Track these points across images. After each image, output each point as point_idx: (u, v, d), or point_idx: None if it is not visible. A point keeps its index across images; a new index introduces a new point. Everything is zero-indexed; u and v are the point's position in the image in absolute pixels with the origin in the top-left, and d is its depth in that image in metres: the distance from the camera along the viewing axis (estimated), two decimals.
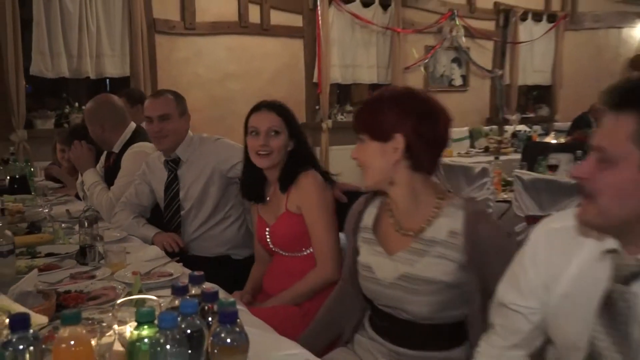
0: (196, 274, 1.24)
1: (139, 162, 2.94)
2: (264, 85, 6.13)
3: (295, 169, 2.19)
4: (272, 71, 6.26)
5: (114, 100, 3.25)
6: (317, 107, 6.48)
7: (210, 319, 1.12)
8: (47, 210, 2.87)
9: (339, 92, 7.06)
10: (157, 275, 1.98)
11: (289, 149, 2.20)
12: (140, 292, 1.67)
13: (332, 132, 6.46)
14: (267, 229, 2.24)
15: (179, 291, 1.14)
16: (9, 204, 2.83)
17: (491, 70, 8.01)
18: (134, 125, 3.28)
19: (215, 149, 2.76)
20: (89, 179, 3.11)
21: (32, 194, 3.39)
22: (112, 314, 1.19)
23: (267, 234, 2.24)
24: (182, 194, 2.76)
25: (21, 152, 4.81)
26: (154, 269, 2.04)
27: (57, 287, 1.82)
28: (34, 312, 1.42)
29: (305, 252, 2.19)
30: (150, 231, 2.69)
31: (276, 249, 2.24)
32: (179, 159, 2.76)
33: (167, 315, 0.96)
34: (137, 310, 1.00)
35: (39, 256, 2.23)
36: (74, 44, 5.12)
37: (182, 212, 2.76)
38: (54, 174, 4.12)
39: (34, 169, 3.94)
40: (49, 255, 2.24)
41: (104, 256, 2.13)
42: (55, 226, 2.55)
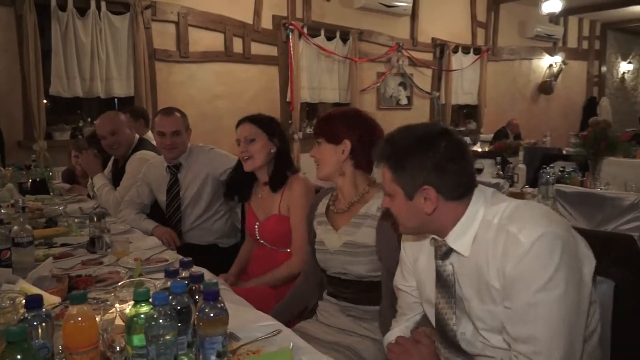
0: (185, 260, 1.22)
1: (141, 167, 2.90)
2: (246, 104, 6.08)
3: (284, 170, 2.14)
4: (253, 92, 6.20)
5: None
6: (290, 122, 6.45)
7: (197, 297, 1.10)
8: (63, 207, 2.80)
9: (308, 109, 7.04)
10: (155, 261, 1.94)
11: (273, 150, 2.14)
12: (140, 276, 1.64)
13: (303, 142, 6.44)
14: (257, 224, 2.17)
15: (170, 274, 1.12)
16: (30, 203, 2.74)
17: (430, 92, 8.09)
18: (137, 136, 3.24)
19: (209, 157, 2.74)
20: (98, 181, 3.05)
21: (50, 194, 3.30)
22: (114, 294, 1.16)
23: (257, 228, 2.18)
24: (181, 194, 2.72)
25: (41, 159, 4.68)
26: (153, 255, 2.00)
27: (69, 272, 1.78)
28: (48, 293, 1.38)
29: (288, 250, 2.12)
30: (150, 225, 2.65)
31: (263, 242, 2.18)
32: (180, 165, 2.73)
33: (160, 294, 0.94)
34: (134, 290, 0.98)
35: (55, 246, 2.17)
36: (86, 69, 5.00)
37: (182, 208, 2.73)
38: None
39: (52, 173, 3.83)
40: (64, 245, 2.19)
41: (110, 245, 2.09)
42: (69, 221, 2.49)
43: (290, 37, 6.33)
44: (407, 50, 7.57)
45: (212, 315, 0.97)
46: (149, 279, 1.38)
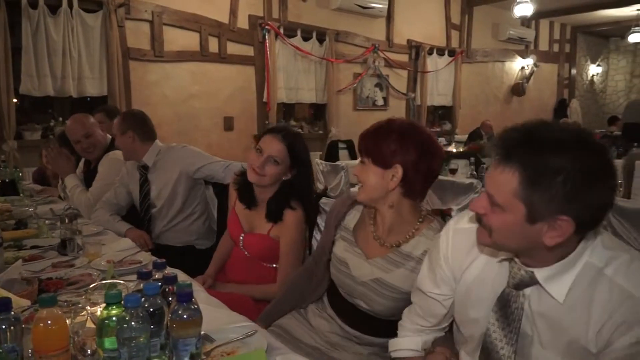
0: (159, 261, 1.20)
1: (114, 168, 2.86)
2: (222, 104, 6.05)
3: (284, 201, 1.95)
4: (229, 92, 6.16)
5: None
6: (266, 122, 6.43)
7: (170, 298, 1.09)
8: (33, 209, 2.74)
9: (284, 109, 7.03)
10: (129, 263, 1.91)
11: (285, 178, 1.95)
12: (113, 278, 1.61)
13: None
14: (242, 235, 2.06)
15: (143, 276, 1.10)
16: None
17: (406, 93, 8.16)
18: (109, 136, 3.19)
19: (182, 154, 2.71)
20: (70, 182, 2.99)
21: (20, 195, 3.22)
22: (84, 297, 1.14)
23: (241, 239, 2.06)
24: (153, 194, 2.70)
25: (11, 160, 4.59)
26: (126, 257, 1.97)
27: (40, 275, 1.74)
28: (18, 297, 1.35)
29: (268, 265, 2.02)
30: (123, 227, 2.62)
31: (246, 252, 2.07)
32: (146, 166, 2.70)
33: (132, 296, 0.93)
34: (106, 292, 0.96)
35: (24, 248, 2.11)
36: (58, 68, 4.89)
37: (154, 209, 2.71)
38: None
39: (22, 174, 3.75)
40: (34, 247, 2.13)
41: (82, 247, 2.04)
42: (39, 222, 2.43)
43: (266, 37, 6.31)
44: (383, 51, 7.62)
45: (185, 316, 0.96)
46: (121, 282, 1.35)
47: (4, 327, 0.95)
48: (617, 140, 6.98)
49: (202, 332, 1.19)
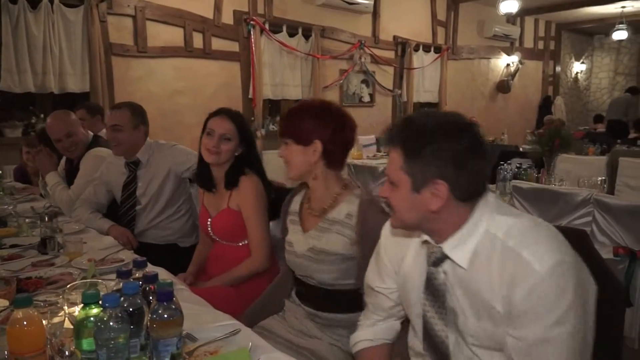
0: (139, 259, 1.18)
1: (96, 165, 2.82)
2: (207, 100, 5.98)
3: (238, 171, 2.11)
4: (214, 88, 6.12)
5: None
6: (252, 119, 6.38)
7: (151, 298, 1.07)
8: (12, 207, 2.69)
9: (270, 106, 6.99)
10: (111, 261, 1.88)
11: (237, 153, 2.12)
12: (94, 277, 1.59)
13: (265, 139, 6.37)
14: (209, 220, 2.17)
15: (123, 275, 1.08)
16: None
17: (392, 90, 8.16)
18: (91, 133, 3.14)
19: (172, 153, 2.68)
20: (51, 180, 2.94)
21: (0, 193, 3.16)
22: (62, 297, 1.12)
23: (209, 224, 2.18)
24: (140, 191, 2.66)
25: None
26: (108, 256, 1.94)
27: (19, 274, 1.71)
28: None
29: (240, 243, 2.13)
30: (105, 224, 2.58)
31: (216, 237, 2.18)
32: (139, 161, 2.66)
33: (110, 296, 0.90)
34: (83, 292, 0.94)
35: (4, 247, 2.08)
36: (39, 63, 4.80)
37: (138, 207, 2.67)
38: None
39: (2, 172, 3.67)
40: (13, 246, 2.10)
41: (63, 246, 2.01)
42: (19, 221, 2.39)
43: (251, 32, 6.26)
44: (369, 47, 7.62)
45: (165, 316, 0.95)
46: (102, 280, 1.33)
47: None
48: (600, 137, 7.07)
49: (185, 332, 1.17)
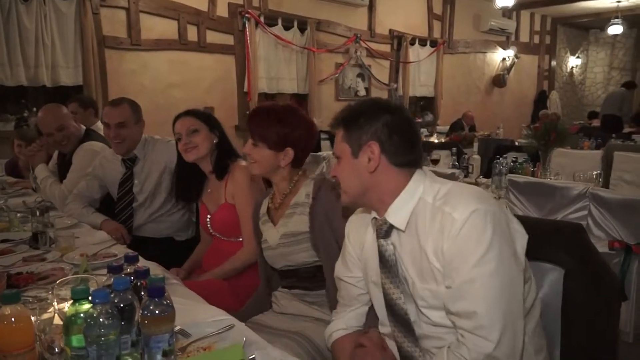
0: (131, 254, 1.16)
1: (88, 159, 2.79)
2: (201, 93, 5.96)
3: (225, 158, 2.13)
4: (209, 82, 6.08)
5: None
6: (247, 112, 6.36)
7: (142, 293, 1.05)
8: (3, 201, 2.65)
9: (265, 99, 6.95)
10: (103, 256, 1.85)
11: (215, 141, 2.13)
12: (86, 272, 1.57)
13: None
14: (209, 216, 2.16)
15: (114, 270, 1.06)
16: None
17: (388, 84, 8.15)
18: (84, 127, 3.10)
19: (167, 149, 2.63)
20: (40, 173, 2.91)
21: None
22: (51, 292, 1.10)
23: (208, 221, 2.16)
24: (137, 188, 2.63)
25: None
26: (101, 250, 1.92)
27: (10, 270, 1.68)
28: None
29: (240, 239, 2.10)
30: (98, 218, 2.55)
31: (215, 233, 2.16)
32: (136, 157, 2.64)
33: (100, 292, 0.88)
34: (72, 288, 0.92)
35: None
36: (31, 56, 4.77)
37: (135, 204, 2.64)
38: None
39: None
40: (5, 241, 2.07)
41: (55, 241, 1.99)
42: (10, 215, 2.36)
43: (246, 25, 6.22)
44: (365, 41, 7.59)
45: (157, 312, 0.93)
46: (94, 276, 1.31)
47: None
48: (594, 131, 7.08)
49: (178, 327, 1.16)
